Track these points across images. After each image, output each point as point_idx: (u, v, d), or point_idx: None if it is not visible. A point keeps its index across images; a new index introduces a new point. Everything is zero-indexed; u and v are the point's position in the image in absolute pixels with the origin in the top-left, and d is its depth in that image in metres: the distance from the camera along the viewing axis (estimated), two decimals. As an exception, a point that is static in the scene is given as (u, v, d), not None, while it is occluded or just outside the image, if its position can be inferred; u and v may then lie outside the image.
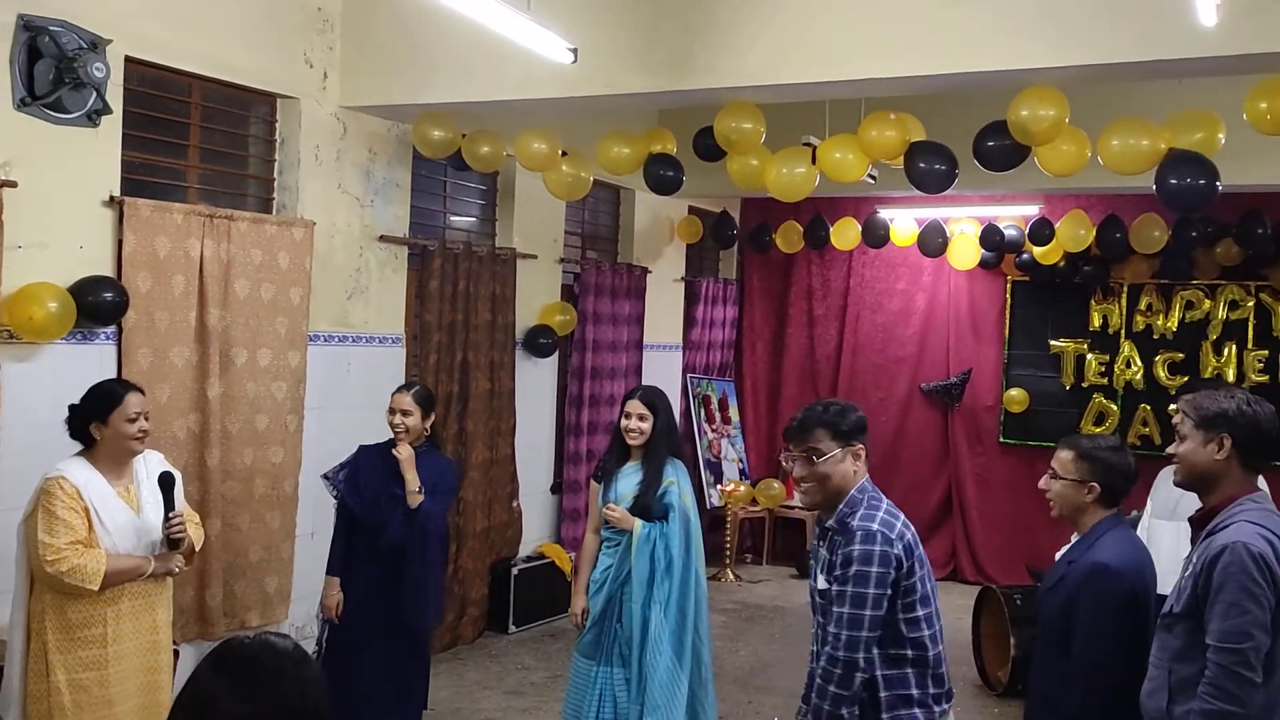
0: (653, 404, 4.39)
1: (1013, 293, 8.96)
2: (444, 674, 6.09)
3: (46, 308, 4.19)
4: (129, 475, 3.61)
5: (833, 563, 2.84)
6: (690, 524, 4.36)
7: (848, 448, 2.88)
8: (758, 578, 8.86)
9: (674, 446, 4.42)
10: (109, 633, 3.45)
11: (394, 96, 5.53)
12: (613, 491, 4.39)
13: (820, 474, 2.87)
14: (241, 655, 1.62)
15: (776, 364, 9.82)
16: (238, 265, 5.05)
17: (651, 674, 4.19)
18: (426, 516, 4.29)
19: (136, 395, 3.58)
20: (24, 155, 4.23)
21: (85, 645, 3.42)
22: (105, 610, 3.44)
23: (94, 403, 3.54)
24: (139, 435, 3.55)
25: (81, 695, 3.39)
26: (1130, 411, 8.53)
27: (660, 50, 4.87)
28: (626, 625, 4.28)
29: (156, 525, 3.57)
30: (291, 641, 1.67)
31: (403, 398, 4.42)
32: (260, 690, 1.57)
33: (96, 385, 3.65)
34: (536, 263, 7.20)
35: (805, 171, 5.67)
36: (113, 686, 3.43)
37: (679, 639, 4.26)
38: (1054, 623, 3.07)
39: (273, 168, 5.50)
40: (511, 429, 6.96)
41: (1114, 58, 4.19)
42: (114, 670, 3.44)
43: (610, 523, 4.35)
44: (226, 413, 5.04)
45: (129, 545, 3.49)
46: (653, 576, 4.24)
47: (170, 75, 4.93)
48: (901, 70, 4.53)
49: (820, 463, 2.87)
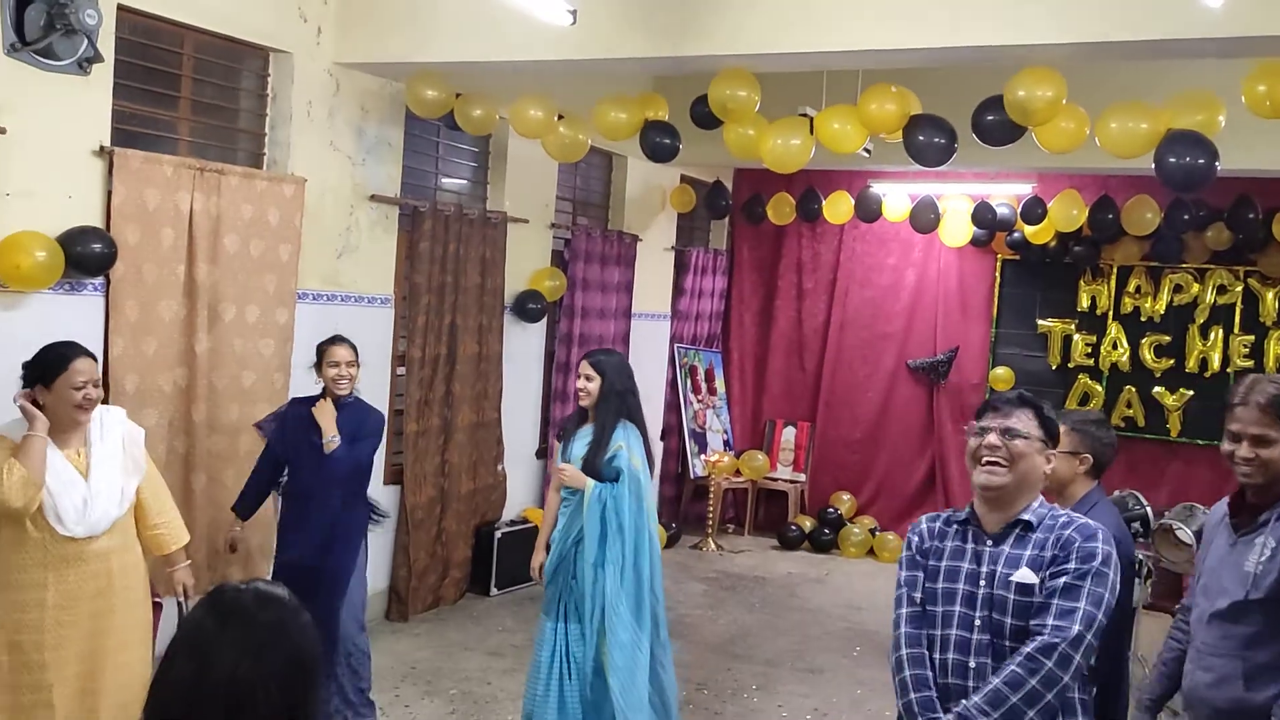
0: (600, 365, 4.44)
1: (1002, 271, 8.98)
2: (425, 634, 6.13)
3: (34, 257, 4.15)
4: (79, 439, 3.46)
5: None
6: (641, 486, 4.42)
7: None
8: (739, 548, 8.91)
9: (626, 409, 4.45)
10: (48, 597, 3.32)
11: (388, 54, 5.46)
12: (569, 452, 4.47)
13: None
14: (238, 605, 1.61)
15: (764, 336, 9.83)
16: (227, 220, 5.00)
17: (612, 637, 4.26)
18: (335, 463, 4.41)
19: (86, 361, 3.42)
20: (13, 102, 4.17)
21: (25, 608, 3.31)
22: (46, 574, 3.33)
23: (40, 367, 3.39)
24: (83, 404, 3.39)
25: (18, 655, 3.31)
26: (1115, 392, 8.59)
27: (659, 15, 4.83)
28: (580, 582, 4.36)
29: (106, 490, 3.43)
30: (284, 590, 1.67)
31: (343, 350, 4.52)
32: (261, 642, 1.57)
33: (45, 347, 3.48)
34: (527, 227, 7.16)
35: (801, 142, 5.65)
36: (47, 651, 3.32)
37: (637, 601, 4.34)
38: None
39: (264, 122, 5.44)
40: (498, 393, 6.96)
41: (1117, 35, 4.17)
42: (50, 635, 3.32)
43: (564, 482, 4.41)
44: (213, 368, 5.02)
45: (75, 509, 3.36)
46: (604, 535, 4.32)
47: (163, 25, 4.85)
48: (901, 42, 4.50)
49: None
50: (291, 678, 1.58)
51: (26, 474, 3.23)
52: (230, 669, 1.54)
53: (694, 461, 9.05)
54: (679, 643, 6.42)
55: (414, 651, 5.84)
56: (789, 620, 7.01)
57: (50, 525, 3.33)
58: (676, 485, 9.26)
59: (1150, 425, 8.48)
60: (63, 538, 3.34)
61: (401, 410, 6.29)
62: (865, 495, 9.35)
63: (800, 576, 8.19)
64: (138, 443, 3.63)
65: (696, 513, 9.18)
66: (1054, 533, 2.45)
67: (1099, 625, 2.36)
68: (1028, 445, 2.49)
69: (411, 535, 6.31)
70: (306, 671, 1.61)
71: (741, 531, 9.41)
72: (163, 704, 1.57)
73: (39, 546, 3.32)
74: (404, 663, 5.66)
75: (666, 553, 8.44)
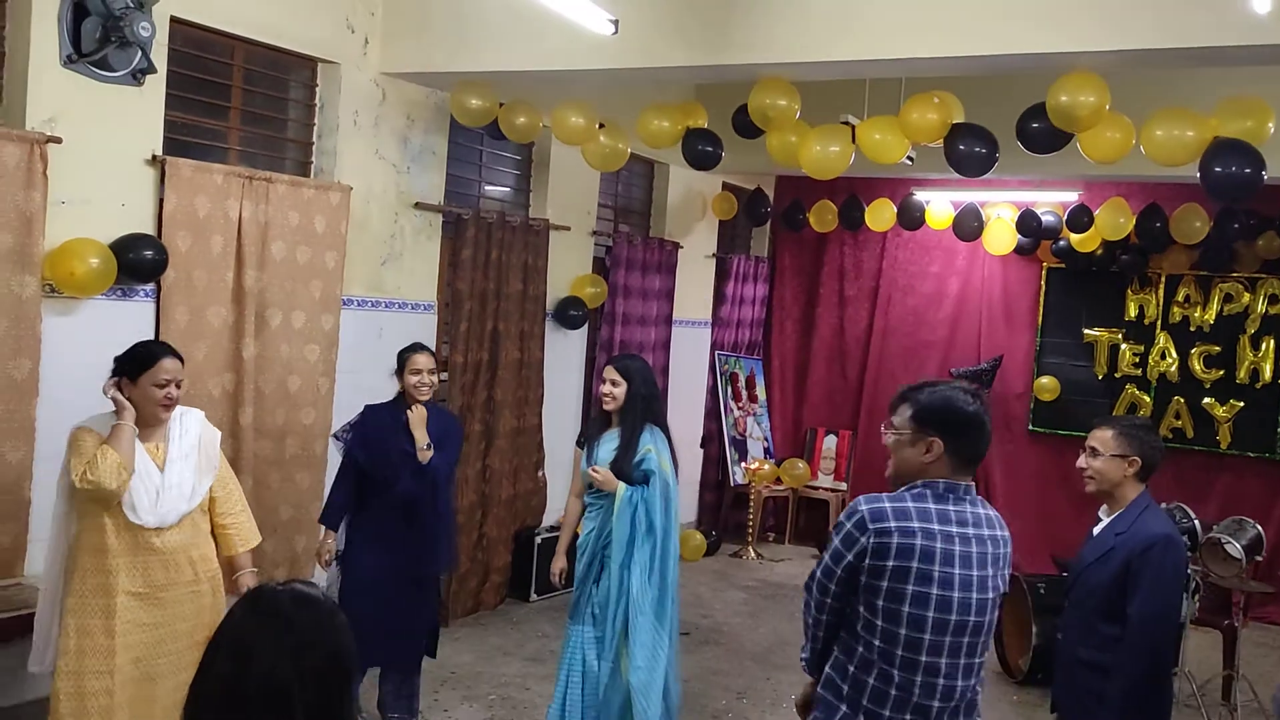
0: (626, 370, 4.48)
1: (1048, 279, 8.87)
2: (465, 639, 6.18)
3: (88, 263, 4.25)
4: (159, 435, 3.60)
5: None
6: (670, 489, 4.45)
7: (920, 434, 2.63)
8: (779, 556, 8.88)
9: (652, 414, 4.50)
10: (118, 583, 3.44)
11: (433, 63, 5.54)
12: (594, 456, 4.51)
13: (892, 445, 2.71)
14: (277, 605, 1.65)
15: (805, 344, 9.80)
16: (275, 227, 5.09)
17: (635, 637, 4.30)
18: (435, 471, 4.54)
19: (172, 361, 3.56)
20: (69, 112, 4.29)
21: (96, 594, 3.45)
22: (117, 561, 3.45)
23: (129, 361, 3.55)
24: (165, 402, 3.53)
25: (86, 640, 3.45)
26: (1164, 404, 8.44)
27: (701, 24, 4.85)
28: (604, 585, 4.39)
29: (179, 484, 3.56)
30: (320, 590, 1.71)
31: (425, 358, 4.60)
32: (299, 642, 1.60)
33: (137, 344, 3.65)
34: (569, 234, 7.21)
35: (841, 149, 5.63)
36: (116, 637, 3.45)
37: (661, 603, 4.38)
38: (1104, 592, 3.21)
39: (312, 131, 5.54)
40: (539, 399, 7.00)
41: (1162, 42, 4.11)
42: (119, 621, 3.45)
43: (594, 485, 4.44)
44: (260, 373, 5.11)
45: (149, 499, 3.49)
46: (633, 538, 4.35)
47: (214, 37, 4.96)
48: (944, 50, 4.48)
49: (890, 435, 2.72)
50: (328, 677, 1.62)
51: (120, 459, 3.37)
52: (268, 668, 1.58)
53: (734, 469, 9.03)
54: (718, 650, 6.43)
55: (454, 656, 5.89)
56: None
57: (124, 514, 3.45)
58: (717, 493, 9.25)
59: (1199, 437, 8.33)
60: (135, 526, 3.46)
61: (444, 415, 6.36)
62: (907, 505, 9.26)
63: (840, 586, 8.13)
64: (214, 444, 3.73)
65: (736, 521, 9.16)
66: None
67: (824, 569, 2.67)
68: (895, 436, 2.68)
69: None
70: (342, 671, 1.65)
71: (782, 540, 9.38)
72: (203, 702, 1.62)
73: (113, 534, 3.45)
74: (444, 667, 5.71)
75: (705, 560, 8.46)
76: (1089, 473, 3.36)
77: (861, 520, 2.56)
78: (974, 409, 2.62)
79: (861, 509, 2.58)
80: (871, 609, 2.56)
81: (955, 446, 2.60)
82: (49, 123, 4.22)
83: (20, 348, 4.16)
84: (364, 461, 4.58)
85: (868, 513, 2.56)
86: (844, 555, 2.59)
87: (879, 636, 2.56)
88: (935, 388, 2.67)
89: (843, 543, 2.59)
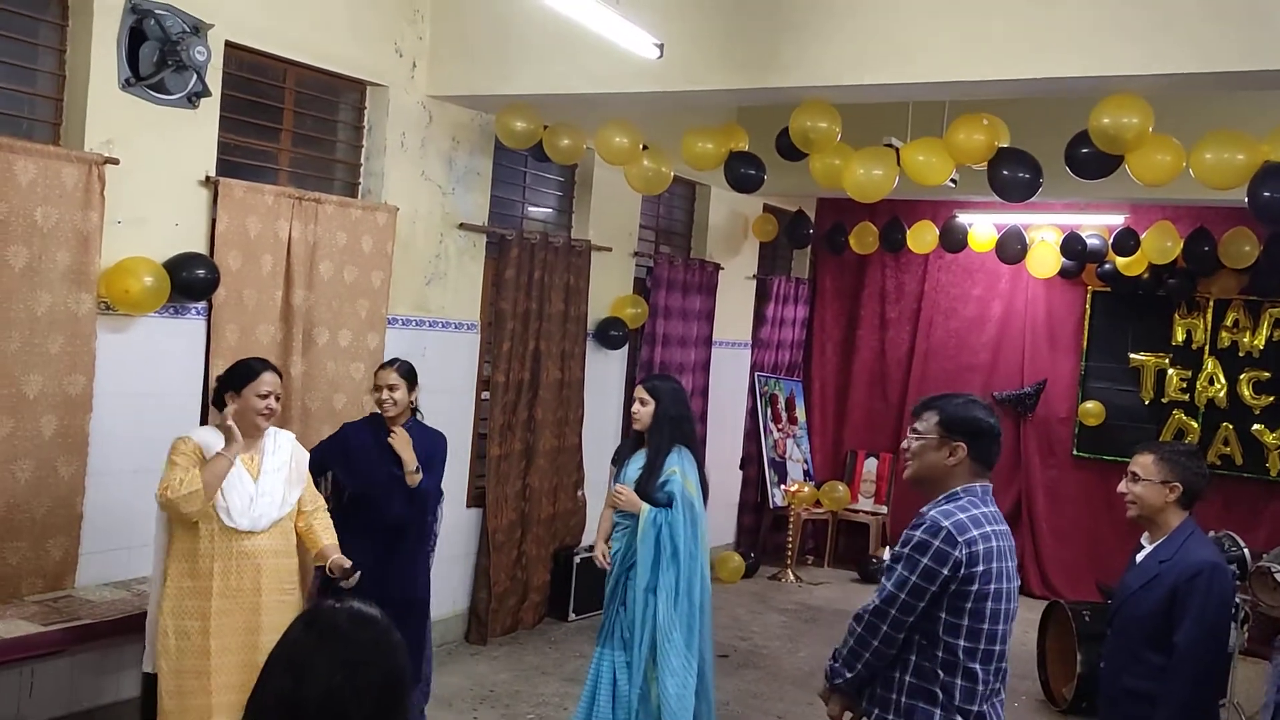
0: (654, 389, 4.46)
1: (1093, 303, 8.77)
2: (504, 657, 6.20)
3: (142, 282, 4.34)
4: (256, 448, 3.83)
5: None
6: (696, 511, 4.41)
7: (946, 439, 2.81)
8: (819, 580, 8.82)
9: (681, 435, 4.46)
10: (213, 586, 3.66)
11: (479, 86, 5.61)
12: (623, 475, 4.50)
13: (915, 450, 2.88)
14: (334, 623, 1.67)
15: (846, 366, 9.76)
16: (323, 247, 5.18)
17: (665, 663, 4.27)
18: (426, 495, 4.48)
19: (272, 375, 3.82)
20: (126, 134, 4.39)
21: (192, 595, 3.66)
22: (212, 564, 3.66)
23: (234, 374, 3.82)
24: (266, 412, 3.79)
25: (185, 641, 3.65)
26: (1211, 430, 8.30)
27: (744, 48, 4.88)
28: (630, 608, 4.36)
29: (270, 492, 3.78)
30: (378, 610, 1.73)
31: (388, 374, 4.49)
32: (355, 659, 1.63)
33: (240, 360, 3.94)
34: (611, 255, 7.25)
35: (884, 172, 5.63)
36: (212, 638, 3.65)
37: (689, 627, 4.34)
38: (1149, 620, 3.19)
39: (360, 153, 5.63)
40: (579, 418, 7.03)
41: (1215, 66, 4.07)
42: (214, 623, 3.65)
43: (618, 505, 4.42)
44: (307, 390, 5.18)
45: (242, 505, 3.70)
46: (658, 561, 4.32)
47: (267, 60, 5.07)
48: (989, 74, 4.47)
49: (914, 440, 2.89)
50: (382, 695, 1.64)
51: (200, 488, 3.57)
52: (324, 684, 1.60)
53: (773, 491, 9.00)
54: (757, 673, 6.40)
55: (492, 674, 5.91)
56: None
57: (219, 517, 3.68)
58: (756, 514, 9.22)
59: (1248, 464, 8.18)
60: (229, 529, 3.68)
61: (485, 434, 6.40)
62: (948, 529, 9.15)
63: (880, 610, 8.06)
64: (302, 461, 3.99)
65: (775, 543, 9.12)
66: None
67: (899, 601, 2.71)
68: (920, 441, 2.85)
69: (492, 558, 6.40)
70: (396, 690, 1.67)
71: (821, 563, 9.32)
72: (260, 715, 1.64)
73: (207, 538, 3.67)
74: (482, 685, 5.73)
75: (744, 582, 8.43)
76: (1129, 498, 3.34)
77: (950, 536, 2.68)
78: (994, 420, 2.87)
79: (944, 525, 2.70)
80: (958, 613, 2.70)
81: (977, 452, 2.81)
82: (107, 144, 4.32)
83: (75, 364, 4.25)
84: (352, 487, 4.47)
85: (952, 527, 2.69)
86: (939, 573, 2.68)
87: (964, 637, 2.71)
88: (959, 398, 2.89)
89: (935, 560, 2.68)
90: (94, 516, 4.37)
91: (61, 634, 3.84)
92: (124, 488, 4.43)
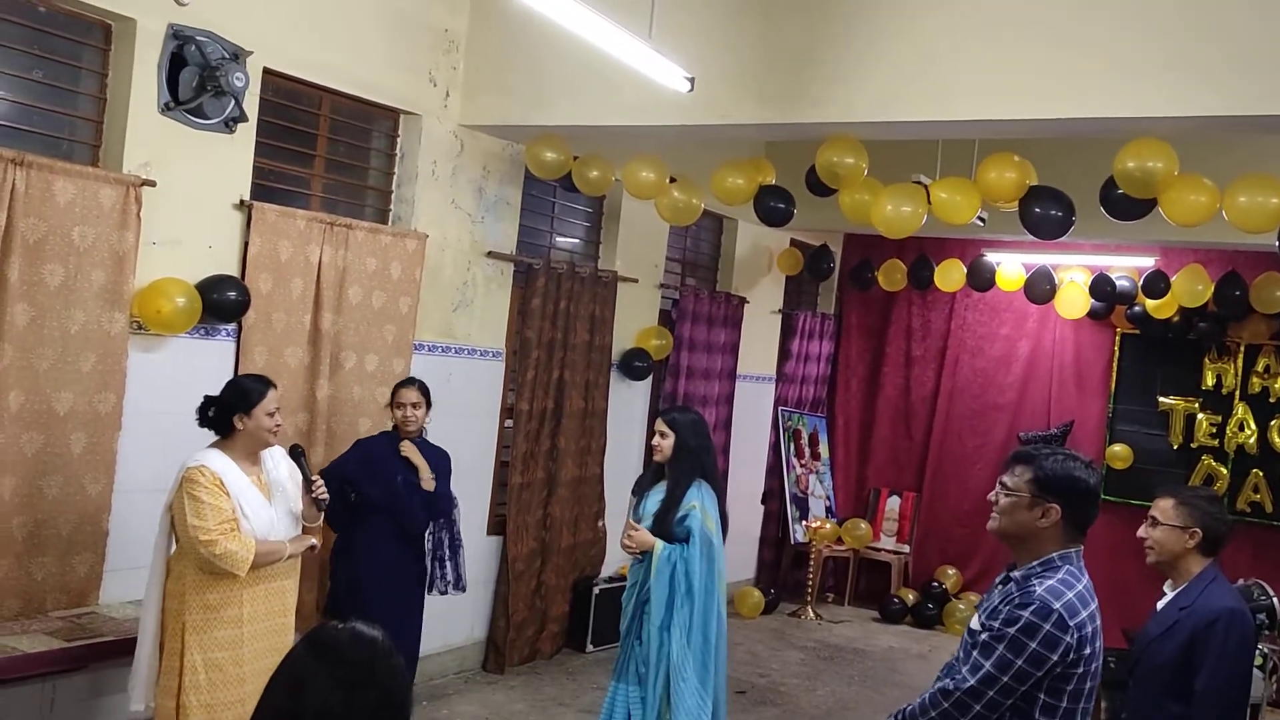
0: (674, 422, 4.45)
1: (1121, 345, 8.71)
2: (521, 687, 6.16)
3: (175, 302, 4.40)
4: (260, 466, 3.83)
5: (997, 611, 2.62)
6: (713, 548, 4.36)
7: (1040, 500, 2.61)
8: (839, 618, 8.74)
9: (701, 467, 4.43)
10: (244, 613, 3.65)
11: (511, 116, 5.67)
12: (642, 507, 4.47)
13: (1004, 507, 2.68)
14: (335, 642, 1.69)
15: (870, 402, 9.72)
16: (353, 272, 5.23)
17: (679, 702, 4.22)
18: (444, 499, 4.87)
19: (274, 392, 3.83)
20: (164, 157, 4.47)
21: (222, 625, 3.62)
22: (242, 592, 3.64)
23: (240, 396, 3.78)
24: (275, 429, 3.81)
25: (216, 674, 3.59)
26: (1241, 476, 8.19)
27: (774, 83, 4.91)
28: (645, 644, 4.33)
29: (283, 514, 3.80)
30: (380, 631, 1.74)
31: (410, 392, 4.84)
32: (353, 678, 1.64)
33: (239, 379, 3.94)
34: (636, 286, 7.28)
35: (913, 209, 5.63)
36: (245, 665, 3.62)
37: (703, 664, 4.29)
38: (1169, 668, 3.12)
39: (391, 180, 5.69)
40: (602, 448, 7.03)
41: (1240, 109, 4.07)
42: (247, 649, 3.63)
43: (629, 549, 4.40)
44: (333, 414, 5.21)
45: (264, 531, 3.70)
46: (672, 599, 4.27)
47: (303, 88, 5.15)
48: (1018, 113, 4.48)
49: (1003, 496, 2.68)
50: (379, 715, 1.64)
51: (250, 558, 3.58)
52: (320, 702, 1.62)
53: (795, 527, 8.94)
54: (775, 710, 6.33)
55: (509, 704, 5.88)
56: (890, 696, 6.82)
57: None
58: (776, 550, 9.15)
59: (1278, 511, 8.05)
60: None
61: (507, 462, 6.41)
62: (972, 571, 9.06)
63: (902, 651, 7.98)
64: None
65: (795, 579, 9.05)
66: (1014, 590, 2.59)
67: (1000, 684, 2.50)
68: (1010, 498, 2.64)
69: (511, 586, 6.38)
70: (395, 710, 1.68)
71: (841, 601, 9.23)
72: None
73: None
74: (499, 715, 5.70)
75: (763, 618, 8.36)
76: (1149, 543, 3.28)
77: (1061, 620, 2.49)
78: (1095, 481, 2.64)
79: (1055, 607, 2.49)
80: (1058, 695, 2.53)
81: (1073, 515, 2.61)
82: (144, 166, 4.40)
83: (106, 382, 4.30)
84: (376, 497, 4.71)
85: (1064, 610, 2.50)
86: (1048, 659, 2.48)
87: (1061, 716, 2.56)
88: (1057, 455, 2.65)
89: (1045, 646, 2.48)
90: (120, 534, 4.40)
91: (84, 650, 3.86)
92: (150, 506, 4.42)
